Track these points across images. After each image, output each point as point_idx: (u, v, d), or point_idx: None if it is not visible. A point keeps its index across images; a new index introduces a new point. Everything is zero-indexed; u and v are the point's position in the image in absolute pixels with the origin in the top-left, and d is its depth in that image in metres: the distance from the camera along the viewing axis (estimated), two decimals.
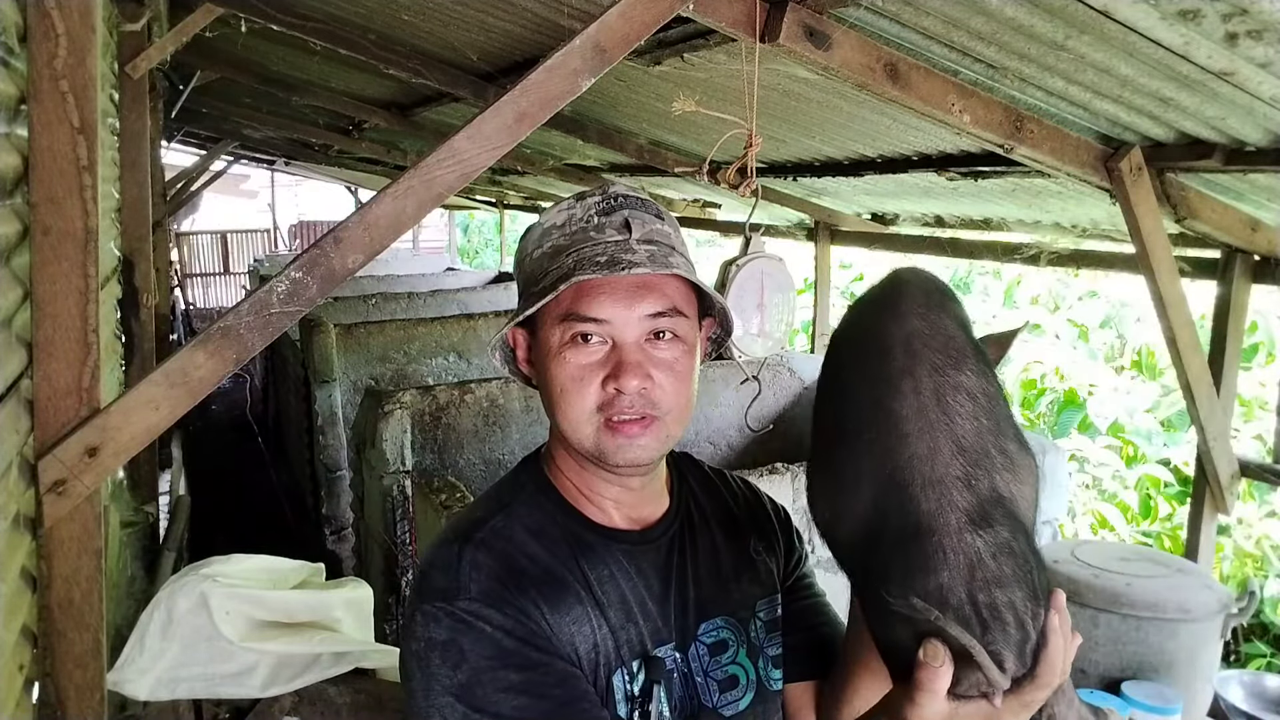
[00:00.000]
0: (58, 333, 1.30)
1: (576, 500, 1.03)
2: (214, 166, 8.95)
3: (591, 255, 0.95)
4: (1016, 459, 0.82)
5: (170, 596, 1.57)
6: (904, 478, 0.79)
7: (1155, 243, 2.20)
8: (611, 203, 1.00)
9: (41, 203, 1.27)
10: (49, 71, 1.25)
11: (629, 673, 0.98)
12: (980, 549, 0.76)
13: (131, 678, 1.52)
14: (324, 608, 1.68)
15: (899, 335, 0.85)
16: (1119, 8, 1.51)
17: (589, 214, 1.00)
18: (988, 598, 0.75)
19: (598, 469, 1.01)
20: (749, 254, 1.79)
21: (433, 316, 5.42)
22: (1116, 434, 6.28)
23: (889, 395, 0.82)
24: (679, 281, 0.99)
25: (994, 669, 0.75)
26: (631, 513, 1.05)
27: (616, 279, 0.95)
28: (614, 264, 0.93)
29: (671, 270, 0.95)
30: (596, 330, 0.95)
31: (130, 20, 3.03)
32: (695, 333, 1.02)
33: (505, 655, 0.89)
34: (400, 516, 3.33)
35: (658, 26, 1.53)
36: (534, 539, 0.98)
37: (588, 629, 0.96)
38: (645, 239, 0.97)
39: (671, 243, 1.01)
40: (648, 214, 1.01)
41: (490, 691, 0.88)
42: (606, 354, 0.96)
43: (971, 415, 0.81)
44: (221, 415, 8.43)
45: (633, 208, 1.00)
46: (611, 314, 0.95)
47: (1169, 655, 2.01)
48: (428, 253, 15.03)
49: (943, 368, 0.83)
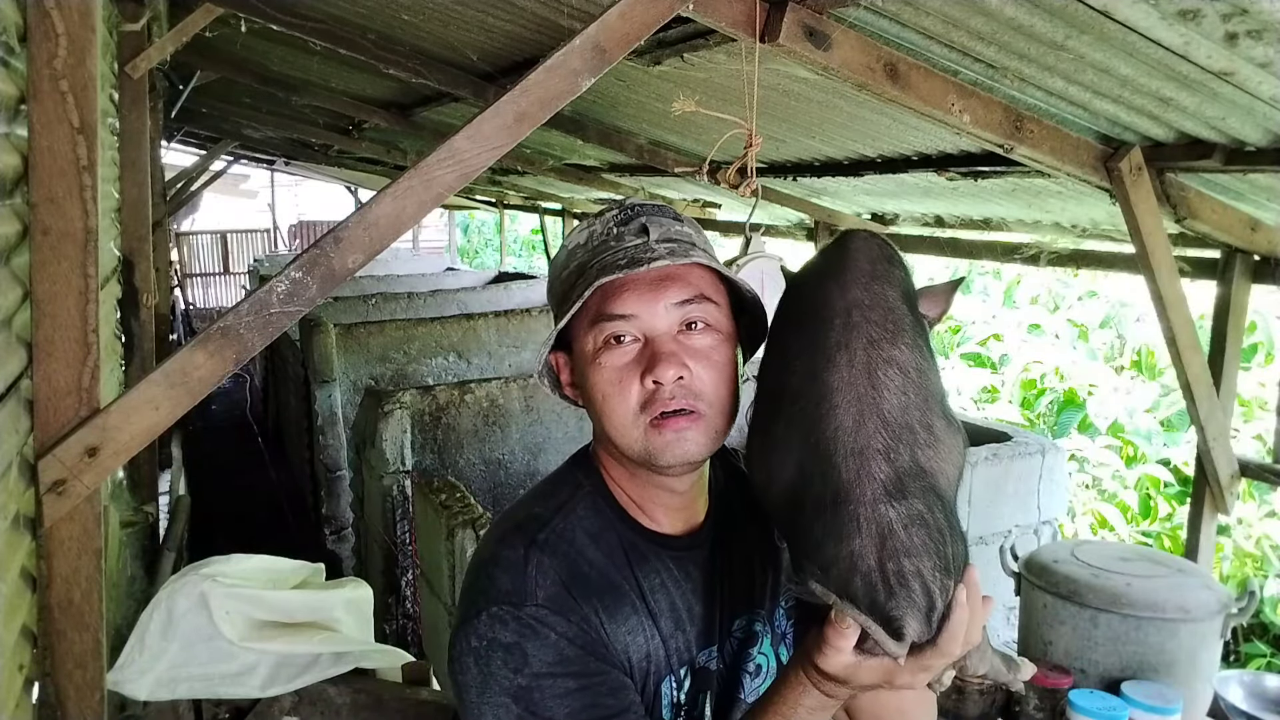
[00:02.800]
0: (58, 333, 1.30)
1: (628, 506, 1.04)
2: (214, 166, 8.96)
3: (613, 260, 0.96)
4: (941, 435, 0.85)
5: (170, 596, 1.57)
6: (828, 447, 0.83)
7: (1155, 243, 2.20)
8: (628, 213, 1.02)
9: (41, 203, 1.27)
10: (49, 71, 1.25)
11: (676, 680, 1.01)
12: (893, 519, 0.80)
13: (131, 678, 1.52)
14: (324, 608, 1.68)
15: (840, 306, 0.88)
16: (1119, 8, 1.51)
17: (608, 227, 1.01)
18: (896, 566, 0.79)
19: (649, 475, 1.01)
20: (749, 254, 1.80)
21: (433, 316, 5.42)
22: (1116, 434, 6.28)
23: (823, 366, 0.85)
24: (703, 271, 1.00)
25: (889, 641, 0.79)
26: (680, 517, 1.06)
27: (639, 274, 0.96)
28: (635, 263, 0.95)
29: (691, 260, 0.97)
30: (626, 328, 0.96)
31: (130, 20, 3.03)
32: (729, 321, 1.01)
33: (566, 663, 0.92)
34: (400, 516, 3.33)
35: (658, 26, 1.53)
36: (593, 544, 0.99)
37: (641, 638, 0.98)
38: (664, 238, 0.98)
39: (692, 240, 1.02)
40: (665, 218, 1.02)
41: (548, 697, 0.90)
42: (640, 351, 0.96)
43: (900, 390, 0.84)
44: (221, 415, 8.43)
45: (649, 214, 1.01)
46: (638, 308, 0.95)
47: (1169, 655, 2.01)
48: (428, 253, 15.03)
49: (878, 341, 0.86)
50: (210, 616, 1.55)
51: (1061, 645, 2.10)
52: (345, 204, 14.19)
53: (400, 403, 3.41)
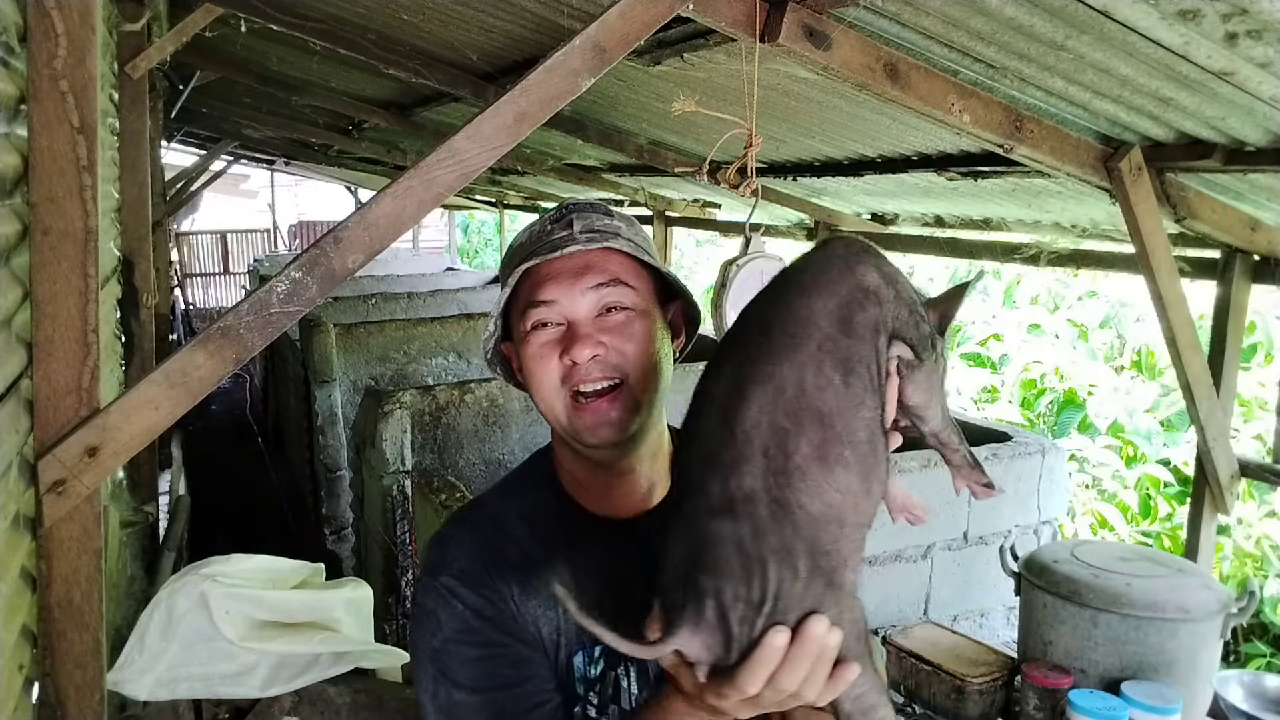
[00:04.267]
0: (58, 333, 1.30)
1: (574, 489, 1.10)
2: (214, 166, 8.96)
3: (538, 250, 1.04)
4: (807, 467, 0.79)
5: (170, 596, 1.57)
6: (692, 452, 0.85)
7: (1155, 243, 2.20)
8: (562, 211, 1.09)
9: (41, 203, 1.27)
10: (49, 71, 1.25)
11: (588, 656, 1.05)
12: (709, 534, 0.79)
13: (131, 678, 1.52)
14: (324, 608, 1.68)
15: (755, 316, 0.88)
16: (1119, 8, 1.51)
17: (544, 225, 1.09)
18: (694, 580, 0.79)
19: (586, 454, 1.06)
20: (749, 254, 1.80)
21: (432, 316, 5.42)
22: (1116, 434, 6.29)
23: (712, 374, 0.87)
24: (622, 257, 1.05)
25: (624, 644, 0.81)
26: (625, 500, 1.08)
27: (561, 263, 1.03)
28: (552, 249, 1.02)
29: (604, 245, 1.03)
30: (548, 314, 1.03)
31: (130, 20, 3.03)
32: (649, 303, 1.06)
33: (470, 632, 1.01)
34: (400, 516, 3.33)
35: (658, 26, 1.53)
36: (525, 524, 1.08)
37: (553, 613, 1.04)
38: (586, 229, 1.05)
39: (617, 231, 1.07)
40: (595, 214, 1.08)
41: (454, 662, 1.00)
42: (562, 333, 1.03)
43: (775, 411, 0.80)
44: (221, 415, 8.44)
45: (579, 210, 1.08)
46: (557, 294, 1.02)
47: (1169, 655, 2.01)
48: (428, 253, 15.03)
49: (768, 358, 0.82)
50: (210, 616, 1.55)
51: (1061, 645, 2.10)
52: (345, 204, 14.19)
53: (400, 403, 3.41)
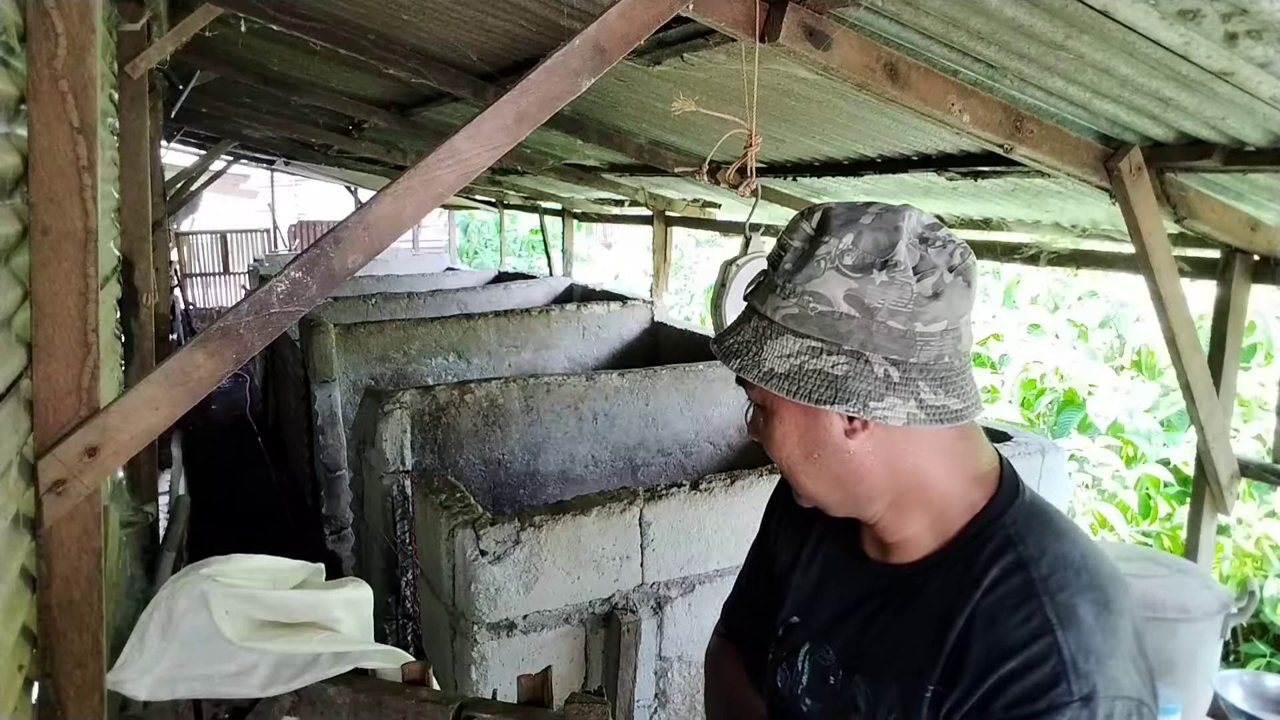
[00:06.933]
0: (57, 333, 1.29)
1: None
2: (214, 166, 8.96)
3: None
4: None
5: (170, 596, 1.56)
6: None
7: (1155, 243, 2.20)
8: (767, 265, 1.01)
9: (41, 203, 1.27)
10: (49, 71, 1.25)
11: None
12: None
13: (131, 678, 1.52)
14: (324, 608, 1.68)
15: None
16: (1119, 8, 1.51)
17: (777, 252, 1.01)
18: None
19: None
20: (749, 254, 1.79)
21: (432, 316, 5.42)
22: (1116, 434, 6.28)
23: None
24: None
25: None
26: (873, 546, 1.06)
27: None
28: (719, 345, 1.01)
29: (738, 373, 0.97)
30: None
31: (130, 20, 3.02)
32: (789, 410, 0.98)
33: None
34: (400, 516, 3.33)
35: (657, 26, 1.53)
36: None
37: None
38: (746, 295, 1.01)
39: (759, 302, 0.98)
40: (774, 293, 0.96)
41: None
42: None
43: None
44: (221, 415, 8.43)
45: (760, 287, 1.00)
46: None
47: (1169, 655, 2.01)
48: (428, 253, 15.03)
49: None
50: (210, 616, 1.54)
51: None
52: (345, 204, 14.19)
53: (400, 403, 3.41)
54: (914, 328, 0.90)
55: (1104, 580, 0.91)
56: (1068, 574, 0.90)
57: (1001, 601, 0.89)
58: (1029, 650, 0.85)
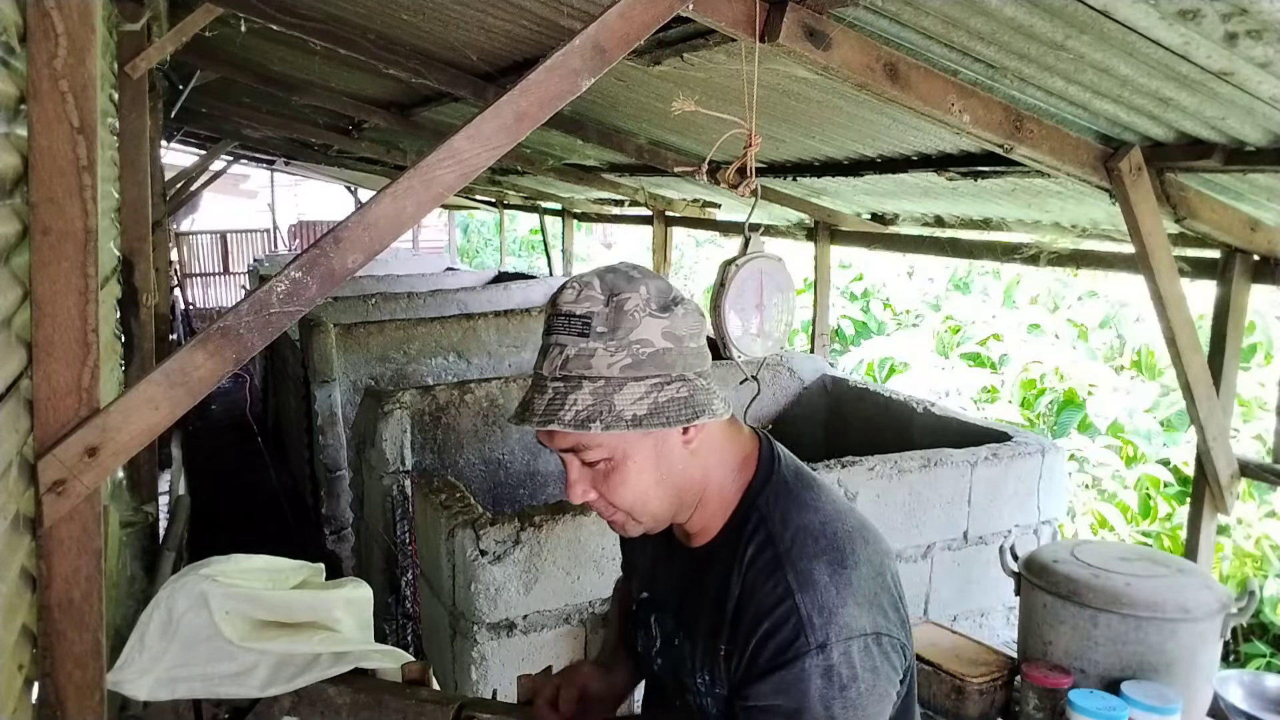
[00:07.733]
0: (57, 333, 1.29)
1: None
2: (214, 166, 8.96)
3: (523, 395, 1.11)
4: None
5: (170, 596, 1.56)
6: None
7: (1155, 243, 2.20)
8: (550, 322, 1.09)
9: (41, 203, 1.27)
10: (49, 71, 1.25)
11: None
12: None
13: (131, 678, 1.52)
14: (324, 608, 1.68)
15: None
16: (1119, 8, 1.51)
17: (545, 325, 1.11)
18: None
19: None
20: (748, 254, 1.79)
21: (432, 316, 5.42)
22: (1116, 434, 6.28)
23: None
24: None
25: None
26: (680, 535, 1.24)
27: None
28: (524, 409, 1.08)
29: (549, 428, 1.05)
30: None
31: (130, 20, 3.02)
32: (619, 442, 1.08)
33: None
34: (400, 516, 3.33)
35: (658, 26, 1.53)
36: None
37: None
38: (553, 375, 1.06)
39: (584, 369, 1.05)
40: (570, 334, 1.06)
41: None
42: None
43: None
44: (221, 415, 8.44)
45: (557, 330, 1.07)
46: (545, 440, 1.11)
47: (1169, 655, 2.01)
48: (428, 253, 15.04)
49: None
50: (210, 616, 1.54)
51: (1061, 645, 2.10)
52: (345, 204, 14.19)
53: (400, 403, 3.41)
54: (701, 344, 1.11)
55: (840, 540, 1.09)
56: (807, 543, 1.09)
57: (758, 575, 1.09)
58: (775, 613, 1.05)
